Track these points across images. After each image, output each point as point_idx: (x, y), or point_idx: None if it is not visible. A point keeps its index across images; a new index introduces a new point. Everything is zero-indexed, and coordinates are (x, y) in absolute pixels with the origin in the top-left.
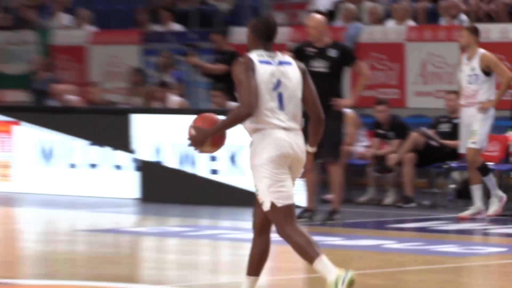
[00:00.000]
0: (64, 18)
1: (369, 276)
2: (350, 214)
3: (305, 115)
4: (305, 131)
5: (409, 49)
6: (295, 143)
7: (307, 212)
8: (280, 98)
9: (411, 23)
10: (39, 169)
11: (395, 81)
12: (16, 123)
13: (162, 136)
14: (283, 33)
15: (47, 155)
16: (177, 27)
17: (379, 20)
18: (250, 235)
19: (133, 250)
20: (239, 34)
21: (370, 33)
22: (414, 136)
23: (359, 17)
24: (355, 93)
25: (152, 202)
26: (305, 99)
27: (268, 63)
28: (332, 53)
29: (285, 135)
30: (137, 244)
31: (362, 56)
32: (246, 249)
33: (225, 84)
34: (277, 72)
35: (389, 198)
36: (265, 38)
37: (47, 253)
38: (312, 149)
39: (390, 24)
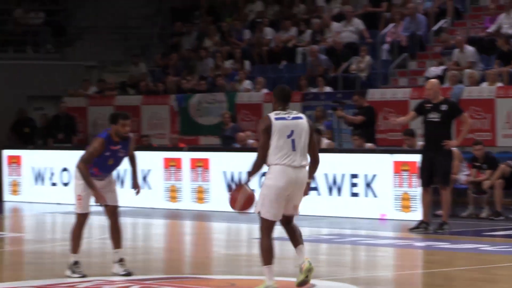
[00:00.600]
0: (246, 83)
1: (469, 271)
2: (455, 225)
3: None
4: None
5: (498, 103)
6: (299, 177)
7: (423, 224)
8: (293, 143)
9: (499, 84)
10: (225, 193)
11: (488, 126)
12: (210, 160)
13: None
14: (406, 93)
15: (233, 182)
16: (328, 89)
17: (476, 82)
18: (381, 241)
19: (293, 252)
20: (374, 94)
21: (469, 92)
22: (502, 167)
23: (461, 80)
24: (460, 136)
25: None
26: (309, 146)
27: (283, 118)
28: (444, 107)
29: (292, 172)
30: None
31: (464, 109)
32: (380, 251)
33: (363, 130)
34: (290, 124)
35: (484, 213)
36: (283, 100)
37: (230, 255)
38: (309, 181)
39: (484, 85)
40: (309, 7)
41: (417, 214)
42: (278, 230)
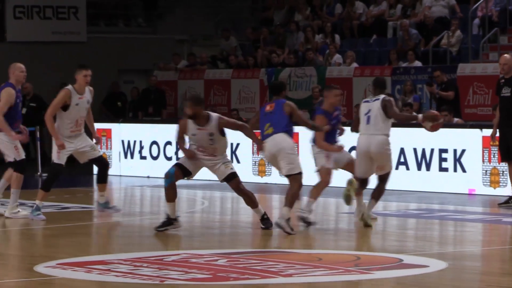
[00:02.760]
0: (336, 58)
1: None
2: None
3: None
4: None
5: None
6: (371, 143)
7: None
8: (368, 118)
9: None
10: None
11: None
12: (299, 134)
13: (406, 142)
14: (496, 67)
15: None
16: (418, 63)
17: None
18: (469, 216)
19: (381, 227)
20: (464, 68)
21: None
22: None
23: None
24: None
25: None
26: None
27: (367, 101)
28: None
29: (366, 139)
30: (385, 222)
31: None
32: (468, 227)
33: (450, 105)
34: (370, 105)
35: None
36: (377, 88)
37: (318, 230)
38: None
39: None
40: None
41: (506, 190)
42: None
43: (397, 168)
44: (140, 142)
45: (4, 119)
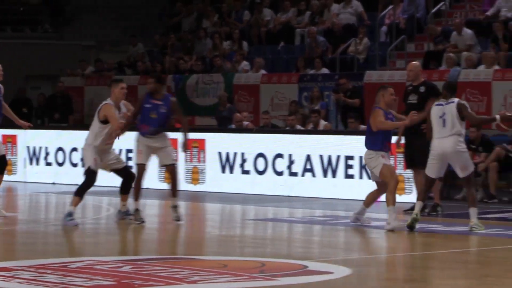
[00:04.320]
0: (244, 64)
1: (462, 254)
2: (449, 207)
3: None
4: None
5: (494, 86)
6: (447, 145)
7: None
8: (444, 122)
9: (496, 67)
10: (221, 174)
11: (484, 109)
12: (206, 140)
13: (312, 149)
14: (403, 75)
15: (227, 163)
16: (325, 70)
17: (473, 65)
18: (374, 223)
19: (287, 234)
20: (371, 76)
21: (466, 75)
22: (497, 150)
23: (459, 63)
24: None
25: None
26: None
27: (440, 104)
28: (422, 89)
29: (440, 142)
30: (290, 229)
31: (460, 92)
32: (373, 233)
33: (356, 113)
34: (443, 108)
35: (478, 195)
36: (448, 92)
37: (223, 236)
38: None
39: (481, 68)
40: None
41: (411, 196)
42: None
43: (303, 175)
44: (46, 148)
45: None
